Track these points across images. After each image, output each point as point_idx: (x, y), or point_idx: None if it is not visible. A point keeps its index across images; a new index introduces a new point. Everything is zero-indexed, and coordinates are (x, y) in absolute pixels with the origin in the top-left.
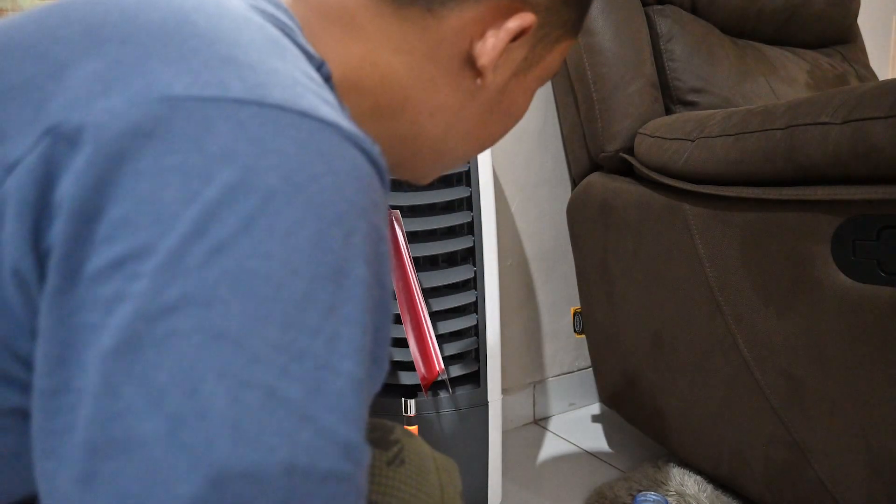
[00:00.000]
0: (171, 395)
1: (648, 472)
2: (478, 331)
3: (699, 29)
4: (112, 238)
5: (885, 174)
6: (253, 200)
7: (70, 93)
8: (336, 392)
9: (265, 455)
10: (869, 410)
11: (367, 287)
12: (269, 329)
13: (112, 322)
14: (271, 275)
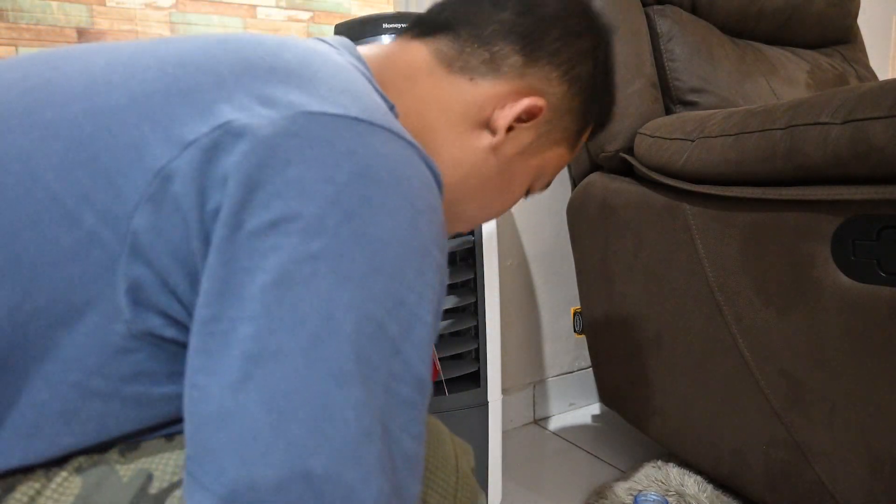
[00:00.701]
0: (313, 319)
1: (648, 472)
2: (478, 331)
3: (699, 29)
4: (268, 205)
5: (884, 174)
6: (370, 185)
7: (236, 102)
8: (419, 337)
9: (373, 372)
10: (869, 411)
11: (438, 264)
12: (381, 278)
13: (269, 265)
14: (383, 238)
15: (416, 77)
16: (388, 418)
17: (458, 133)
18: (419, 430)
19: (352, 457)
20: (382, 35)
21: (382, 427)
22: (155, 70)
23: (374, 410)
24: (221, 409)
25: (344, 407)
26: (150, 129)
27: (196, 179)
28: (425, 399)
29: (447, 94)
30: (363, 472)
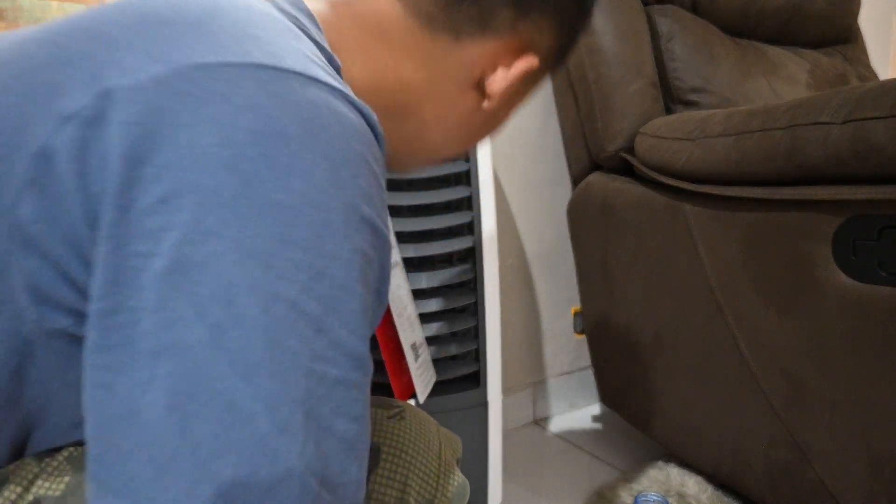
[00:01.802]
0: (213, 307)
1: (649, 472)
2: (478, 331)
3: (700, 28)
4: (159, 178)
5: (885, 174)
6: (274, 143)
7: (123, 63)
8: (349, 310)
9: (289, 357)
10: (870, 411)
11: (370, 223)
12: (293, 251)
13: (162, 248)
14: (293, 204)
15: (389, 37)
16: (315, 405)
17: (439, 94)
18: (359, 411)
19: (264, 454)
20: None
21: (305, 415)
22: (45, 43)
23: (293, 400)
24: (130, 410)
25: (252, 401)
26: (32, 106)
27: (78, 157)
28: (365, 376)
29: (429, 55)
30: (280, 469)
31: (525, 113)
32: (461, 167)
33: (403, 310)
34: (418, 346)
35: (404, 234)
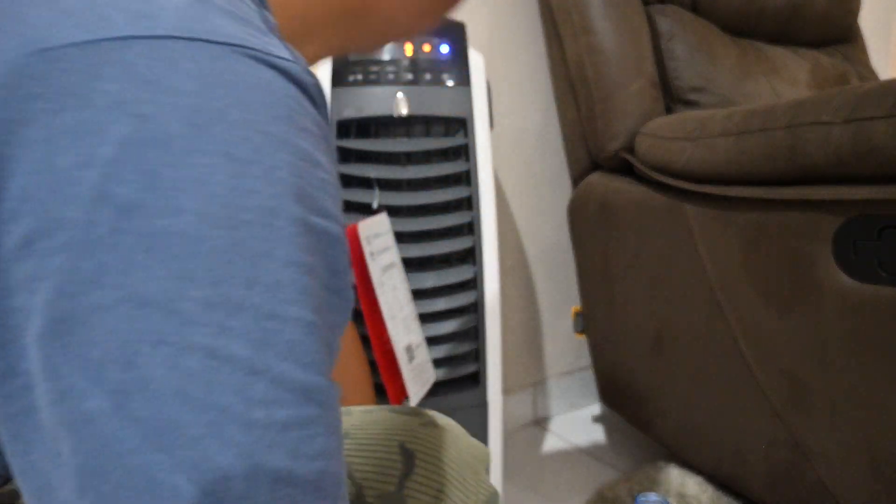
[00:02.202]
0: (109, 370)
1: (649, 472)
2: (478, 331)
3: (700, 28)
4: (17, 214)
5: (886, 174)
6: (153, 153)
7: None
8: (286, 340)
9: (216, 415)
10: (870, 411)
11: (302, 223)
12: (197, 288)
13: (36, 304)
14: (187, 230)
15: None
16: (264, 457)
17: None
18: (319, 447)
19: None
20: None
21: (252, 472)
22: None
23: (233, 458)
24: (45, 485)
25: (175, 475)
26: None
27: None
28: (321, 407)
29: None
30: None
31: (525, 113)
32: (461, 167)
33: (399, 311)
34: (414, 347)
35: (404, 234)
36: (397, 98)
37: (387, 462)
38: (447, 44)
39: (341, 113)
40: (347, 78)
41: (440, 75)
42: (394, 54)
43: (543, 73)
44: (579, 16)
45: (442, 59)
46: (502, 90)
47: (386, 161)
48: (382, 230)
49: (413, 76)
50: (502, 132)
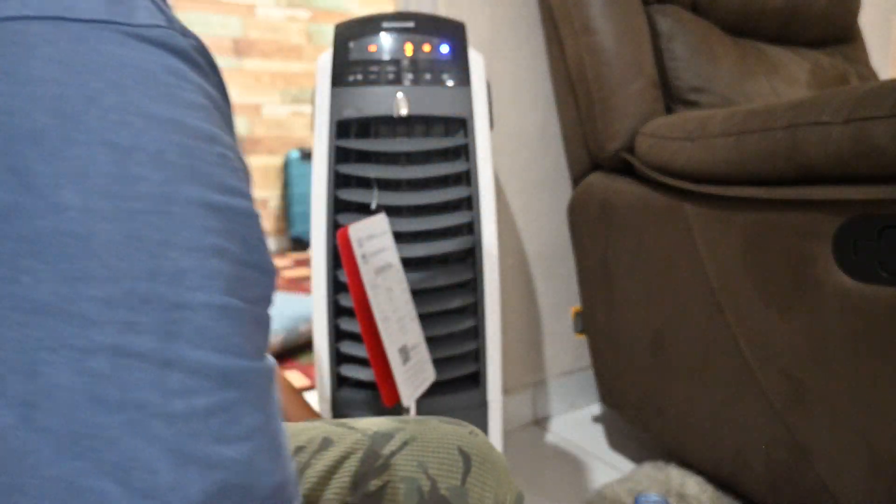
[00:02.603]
0: (11, 382)
1: (649, 472)
2: (478, 331)
3: (700, 28)
4: None
5: (886, 174)
6: (22, 149)
7: None
8: (196, 327)
9: (136, 413)
10: (870, 411)
11: (201, 204)
12: (95, 287)
13: None
14: (74, 228)
15: None
16: (190, 446)
17: None
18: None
19: None
20: (382, 34)
21: (179, 463)
22: None
23: (158, 453)
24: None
25: (97, 479)
26: None
27: None
28: (242, 388)
29: None
30: None
31: (525, 113)
32: (461, 167)
33: (393, 313)
34: (410, 348)
35: (404, 234)
36: (397, 98)
37: (451, 461)
38: (447, 44)
39: (341, 113)
40: (347, 78)
41: (440, 75)
42: (394, 54)
43: (543, 73)
44: (579, 16)
45: (442, 59)
46: (502, 90)
47: (386, 161)
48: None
49: (413, 76)
50: (502, 132)
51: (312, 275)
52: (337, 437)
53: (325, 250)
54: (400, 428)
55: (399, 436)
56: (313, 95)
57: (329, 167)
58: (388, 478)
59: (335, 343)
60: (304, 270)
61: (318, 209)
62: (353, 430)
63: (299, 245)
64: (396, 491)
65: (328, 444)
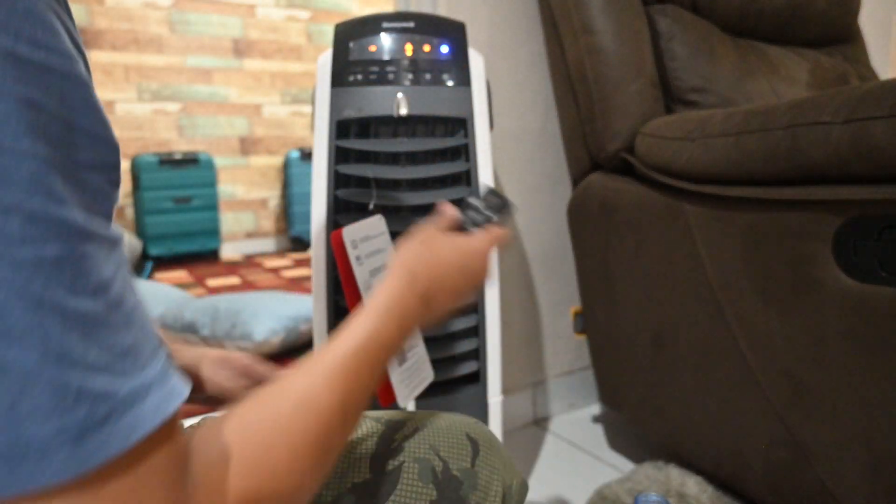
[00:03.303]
0: None
1: (649, 472)
2: (478, 331)
3: (700, 28)
4: None
5: (886, 174)
6: None
7: None
8: (28, 174)
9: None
10: (870, 411)
11: (8, 55)
12: None
13: None
14: None
15: None
16: (43, 294)
17: None
18: (92, 281)
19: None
20: (382, 34)
21: (34, 307)
22: None
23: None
24: None
25: None
26: None
27: None
28: (93, 243)
29: None
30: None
31: (525, 113)
32: (461, 167)
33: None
34: (407, 349)
35: (405, 234)
36: (397, 98)
37: (460, 445)
38: (447, 44)
39: (341, 113)
40: (347, 78)
41: (440, 75)
42: (394, 54)
43: (543, 73)
44: (579, 16)
45: (442, 59)
46: (502, 90)
47: (386, 161)
48: (374, 232)
49: (413, 76)
50: (502, 132)
51: (312, 275)
52: None
53: (325, 250)
54: (410, 417)
55: (410, 423)
56: (313, 95)
57: (329, 167)
58: (402, 458)
59: None
60: (304, 270)
61: (318, 209)
62: (365, 418)
63: (299, 245)
64: (412, 470)
65: None
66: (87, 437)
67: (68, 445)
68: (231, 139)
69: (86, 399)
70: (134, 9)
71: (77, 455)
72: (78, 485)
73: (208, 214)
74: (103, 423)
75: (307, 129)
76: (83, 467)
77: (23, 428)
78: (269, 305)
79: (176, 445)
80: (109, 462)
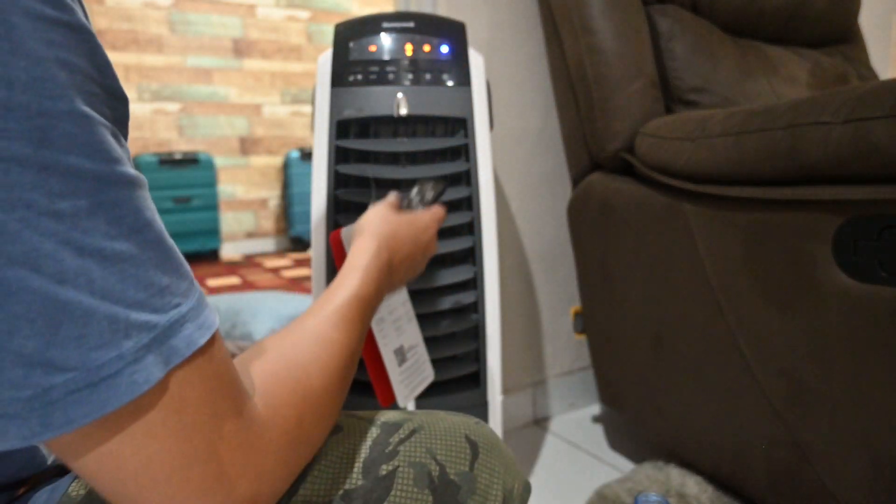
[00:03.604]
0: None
1: (649, 472)
2: (478, 331)
3: (700, 28)
4: None
5: (886, 174)
6: None
7: None
8: (64, 134)
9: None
10: (870, 410)
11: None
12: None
13: None
14: None
15: None
16: (82, 240)
17: None
18: (139, 221)
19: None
20: (382, 34)
21: (76, 252)
22: None
23: (54, 245)
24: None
25: (5, 269)
26: None
27: None
28: (126, 189)
29: None
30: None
31: (525, 113)
32: (461, 167)
33: (389, 314)
34: (406, 349)
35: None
36: (397, 98)
37: (458, 448)
38: (447, 44)
39: (341, 113)
40: (347, 78)
41: (440, 75)
42: (394, 54)
43: (543, 73)
44: (579, 16)
45: (442, 60)
46: (502, 90)
47: (386, 161)
48: None
49: (413, 76)
50: (502, 132)
51: (313, 275)
52: (346, 425)
53: (325, 250)
54: (407, 418)
55: (407, 425)
56: (313, 95)
57: (329, 167)
58: (397, 463)
59: None
60: (305, 270)
61: (318, 209)
62: (361, 420)
63: (299, 245)
64: (406, 475)
65: (337, 430)
66: (141, 361)
67: (129, 368)
68: (231, 139)
69: (133, 329)
70: (134, 9)
71: (138, 376)
72: (134, 409)
73: (208, 214)
74: (149, 349)
75: (307, 129)
76: (143, 388)
77: (94, 356)
78: (269, 305)
79: (216, 368)
80: (156, 386)
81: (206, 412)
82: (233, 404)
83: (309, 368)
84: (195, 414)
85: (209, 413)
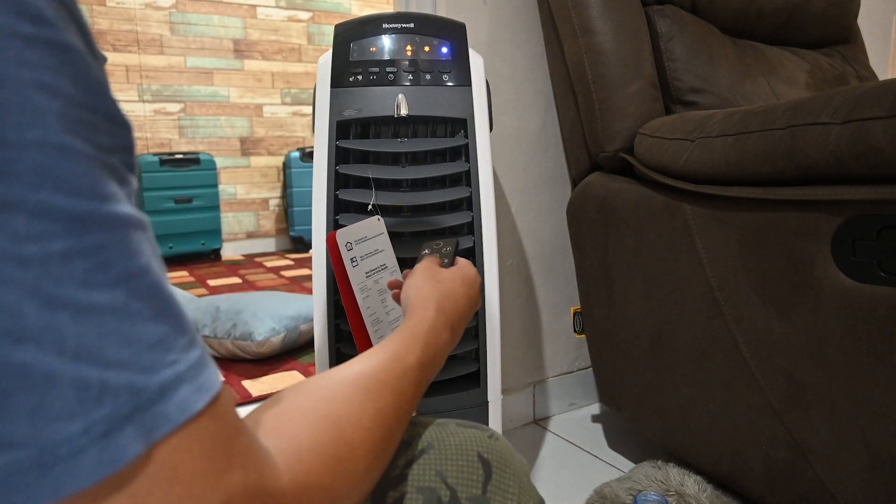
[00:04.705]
0: None
1: (648, 471)
2: (478, 331)
3: (699, 29)
4: None
5: (884, 174)
6: None
7: None
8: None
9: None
10: (869, 410)
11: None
12: None
13: None
14: None
15: None
16: (54, 290)
17: None
18: (120, 272)
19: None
20: (382, 35)
21: (46, 305)
22: None
23: (20, 296)
24: None
25: None
26: None
27: None
28: (108, 232)
29: None
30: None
31: (525, 113)
32: (461, 167)
33: (386, 315)
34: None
35: (404, 234)
36: (397, 99)
37: (470, 469)
38: (447, 44)
39: (341, 113)
40: (348, 79)
41: (440, 76)
42: (394, 55)
43: (543, 74)
44: (579, 16)
45: (442, 60)
46: (502, 90)
47: (386, 161)
48: (370, 233)
49: (413, 77)
50: (502, 132)
51: (313, 275)
52: None
53: (325, 250)
54: (416, 434)
55: (415, 443)
56: (314, 96)
57: (329, 167)
58: (404, 489)
59: (335, 343)
60: (305, 270)
61: (318, 209)
62: None
63: (300, 245)
64: (416, 502)
65: None
66: (114, 434)
67: (97, 444)
68: (232, 139)
69: (109, 395)
70: (135, 10)
71: (107, 454)
72: (109, 485)
73: (209, 215)
74: (128, 419)
75: (307, 130)
76: (114, 466)
77: (49, 431)
78: (270, 305)
79: (220, 431)
80: (139, 458)
81: (205, 485)
82: (244, 475)
83: (354, 443)
84: (191, 487)
85: (209, 485)
